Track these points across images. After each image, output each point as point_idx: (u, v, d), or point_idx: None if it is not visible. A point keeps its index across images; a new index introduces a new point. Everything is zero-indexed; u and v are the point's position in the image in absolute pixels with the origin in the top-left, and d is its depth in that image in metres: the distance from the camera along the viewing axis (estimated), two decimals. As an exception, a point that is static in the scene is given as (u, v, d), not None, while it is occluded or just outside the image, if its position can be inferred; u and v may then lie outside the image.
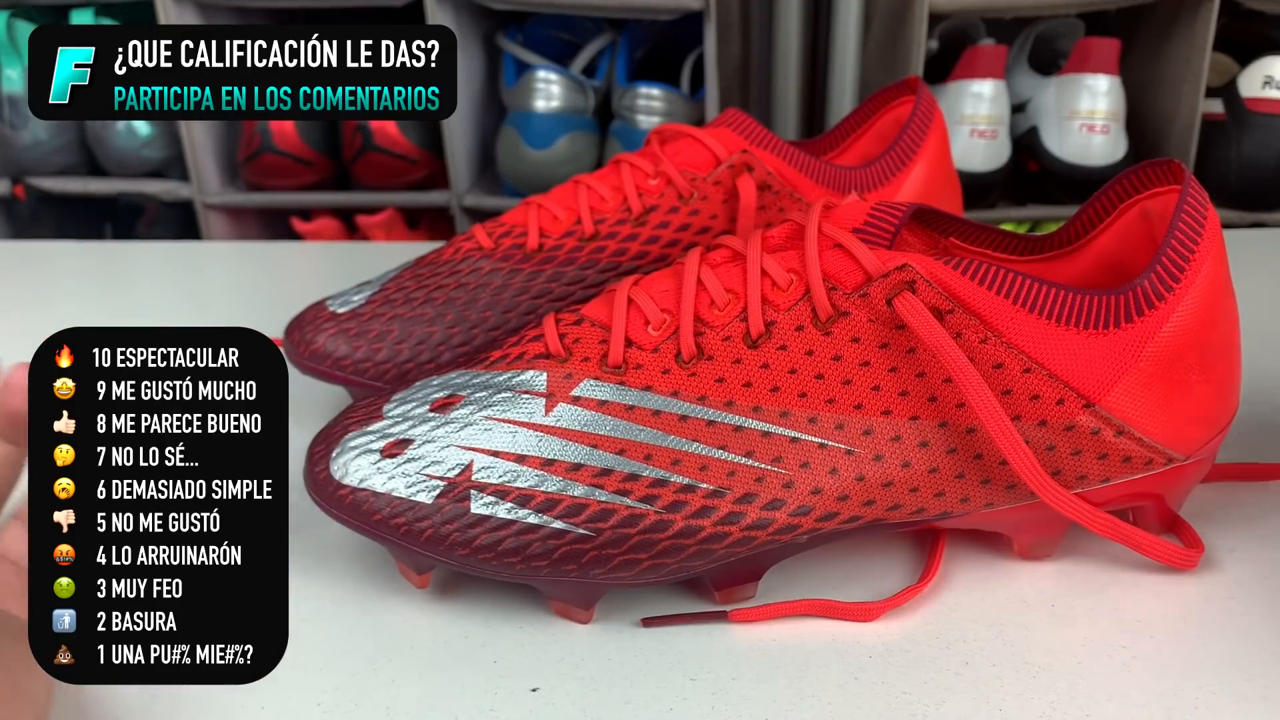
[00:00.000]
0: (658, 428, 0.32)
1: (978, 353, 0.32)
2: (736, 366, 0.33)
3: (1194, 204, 0.34)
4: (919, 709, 0.30)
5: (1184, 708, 0.29)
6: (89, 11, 1.28)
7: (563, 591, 0.33)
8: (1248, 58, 1.18)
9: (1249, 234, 0.83)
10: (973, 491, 0.33)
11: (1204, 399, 0.34)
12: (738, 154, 0.44)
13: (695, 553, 0.32)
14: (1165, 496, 0.35)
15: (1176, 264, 0.33)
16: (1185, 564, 0.34)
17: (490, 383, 0.34)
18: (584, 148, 1.25)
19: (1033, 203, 1.24)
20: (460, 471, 0.32)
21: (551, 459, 0.32)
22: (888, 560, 0.36)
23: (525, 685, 0.31)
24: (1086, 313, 0.32)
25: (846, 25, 1.19)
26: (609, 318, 0.35)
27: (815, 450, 0.32)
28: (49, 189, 1.33)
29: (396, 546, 0.33)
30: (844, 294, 0.32)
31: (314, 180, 1.32)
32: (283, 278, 0.74)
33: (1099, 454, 0.33)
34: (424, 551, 0.32)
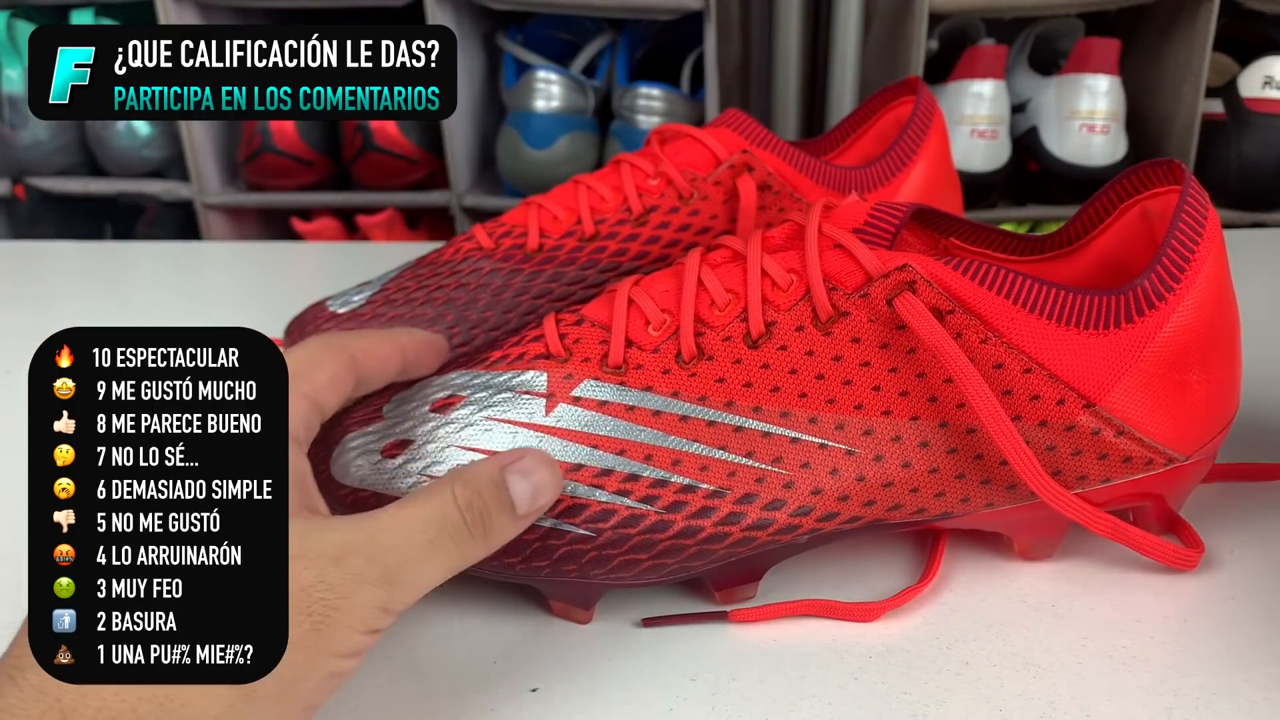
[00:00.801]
0: (658, 428, 0.32)
1: (978, 353, 0.32)
2: (737, 367, 0.33)
3: (1194, 204, 0.34)
4: (919, 709, 0.30)
5: (1184, 708, 0.29)
6: (89, 11, 1.28)
7: (563, 592, 0.33)
8: (1248, 58, 1.18)
9: (1249, 234, 0.83)
10: (973, 492, 0.33)
11: (1204, 399, 0.34)
12: (738, 154, 0.44)
13: (696, 553, 0.32)
14: (1166, 496, 0.35)
15: (1177, 264, 0.32)
16: (1185, 564, 0.34)
17: (490, 383, 0.34)
18: (584, 148, 1.25)
19: (1033, 203, 1.25)
20: None
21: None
22: (888, 560, 0.36)
23: (525, 685, 0.31)
24: (1087, 313, 0.32)
25: (846, 25, 1.19)
26: (609, 318, 0.35)
27: (816, 450, 0.32)
28: (49, 189, 1.33)
29: None
30: (844, 294, 0.32)
31: (314, 180, 1.32)
32: (283, 278, 0.74)
33: (1099, 454, 0.33)
34: None
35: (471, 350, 0.42)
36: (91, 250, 0.86)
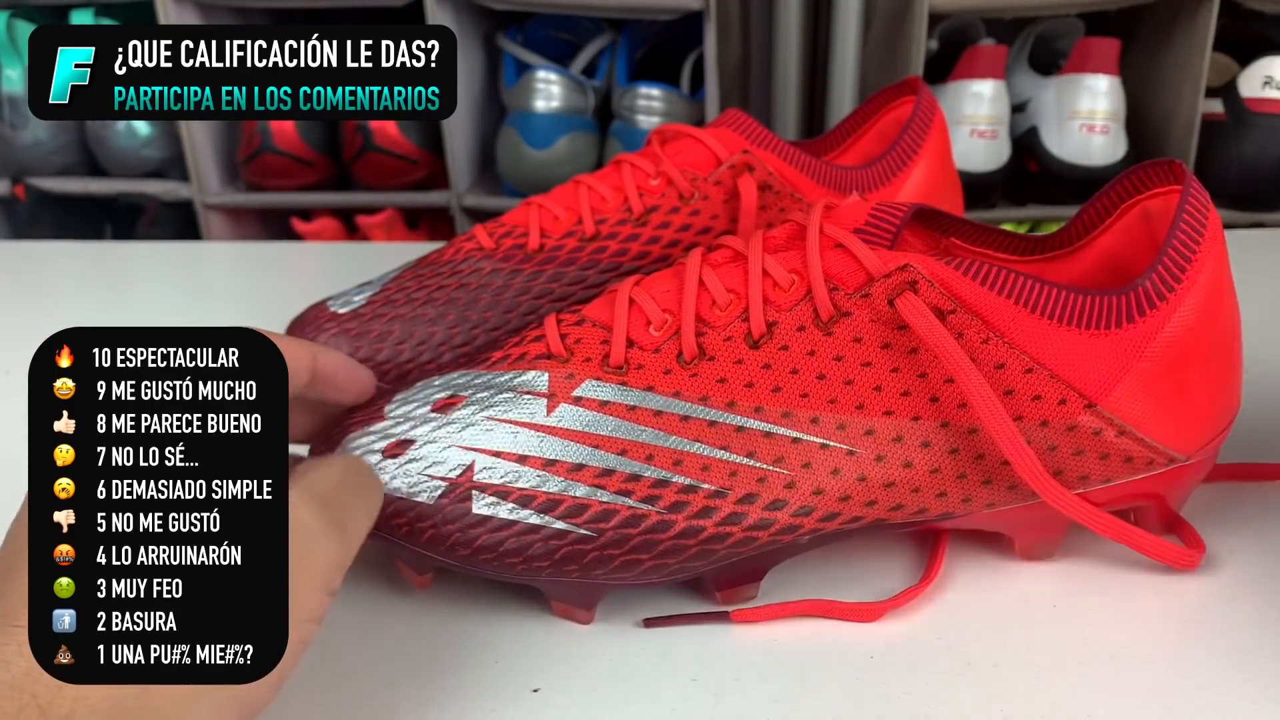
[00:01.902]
0: (659, 428, 0.32)
1: (979, 353, 0.32)
2: (738, 367, 0.33)
3: (1195, 204, 0.33)
4: (921, 709, 0.30)
5: (1185, 707, 0.29)
6: (89, 11, 1.28)
7: (564, 592, 0.33)
8: (1248, 58, 1.18)
9: (1249, 234, 0.83)
10: (975, 492, 0.33)
11: (1205, 399, 0.34)
12: (738, 154, 0.44)
13: (697, 553, 0.32)
14: (1166, 496, 0.35)
15: (1178, 264, 0.32)
16: (1187, 564, 0.34)
17: (492, 383, 0.34)
18: (584, 148, 1.25)
19: (1033, 203, 1.24)
20: (462, 472, 0.32)
21: (553, 459, 0.32)
22: (889, 561, 0.36)
23: (527, 685, 0.31)
24: (1088, 313, 0.32)
25: (846, 25, 1.19)
26: (610, 318, 0.35)
27: (817, 451, 0.32)
28: (49, 189, 1.33)
29: (397, 546, 0.33)
30: (846, 294, 0.32)
31: (314, 180, 1.32)
32: (283, 278, 0.74)
33: (1101, 454, 0.33)
34: (425, 551, 0.32)
35: (472, 350, 0.42)
36: (91, 250, 0.86)
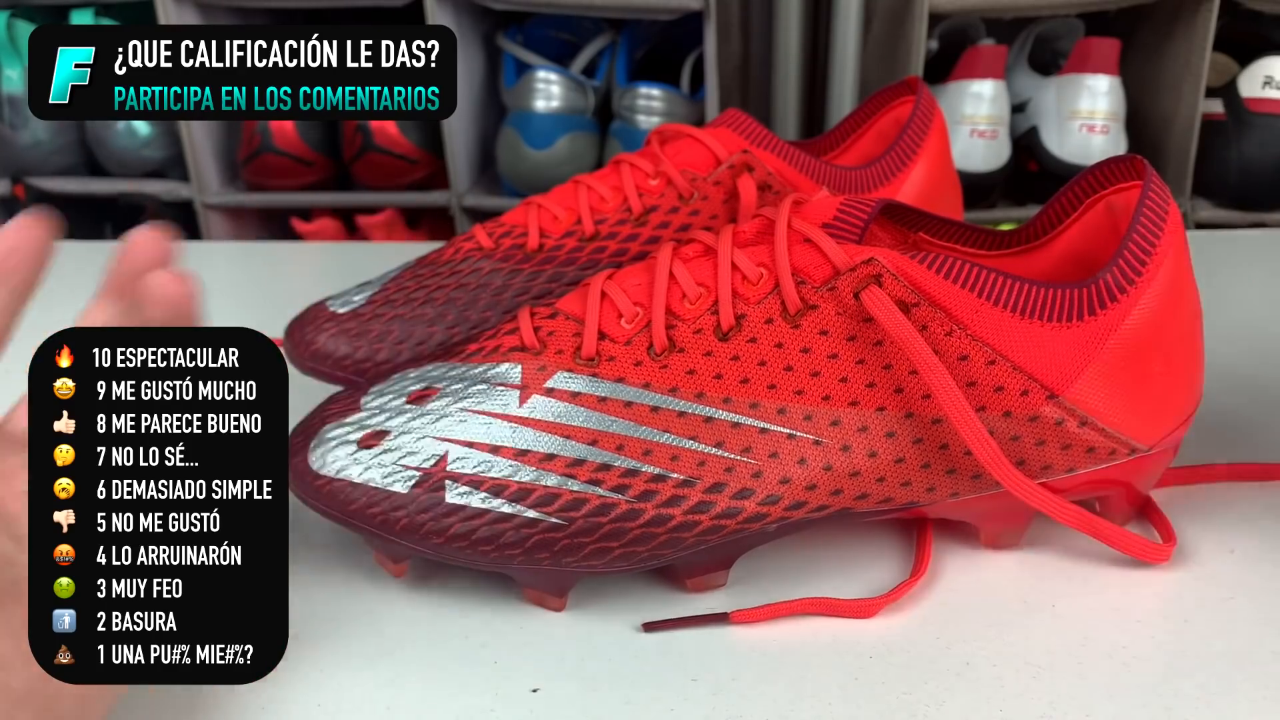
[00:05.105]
0: (630, 419, 0.33)
1: (943, 345, 0.32)
2: (707, 359, 0.33)
3: (1155, 199, 0.34)
4: (919, 709, 0.30)
5: (1184, 707, 0.29)
6: (89, 11, 1.28)
7: (536, 579, 0.34)
8: (1248, 58, 1.18)
9: (1249, 234, 0.83)
10: (938, 481, 0.33)
11: (1167, 390, 0.34)
12: (738, 154, 0.44)
13: (666, 541, 0.33)
14: (1130, 486, 0.36)
15: (1139, 258, 0.33)
16: (1156, 557, 0.35)
17: (466, 375, 0.34)
18: (584, 148, 1.25)
19: (1033, 203, 1.24)
20: (435, 462, 0.33)
21: (525, 449, 0.32)
22: (878, 553, 0.36)
23: (526, 686, 0.31)
24: (1051, 306, 0.32)
25: (846, 25, 1.19)
26: (583, 311, 0.35)
27: (784, 440, 0.33)
28: (49, 189, 1.33)
29: (372, 535, 0.33)
30: (812, 288, 0.33)
31: (314, 180, 1.32)
32: (283, 278, 0.74)
33: (1063, 444, 0.33)
34: (399, 540, 0.33)
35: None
36: (91, 250, 0.86)
